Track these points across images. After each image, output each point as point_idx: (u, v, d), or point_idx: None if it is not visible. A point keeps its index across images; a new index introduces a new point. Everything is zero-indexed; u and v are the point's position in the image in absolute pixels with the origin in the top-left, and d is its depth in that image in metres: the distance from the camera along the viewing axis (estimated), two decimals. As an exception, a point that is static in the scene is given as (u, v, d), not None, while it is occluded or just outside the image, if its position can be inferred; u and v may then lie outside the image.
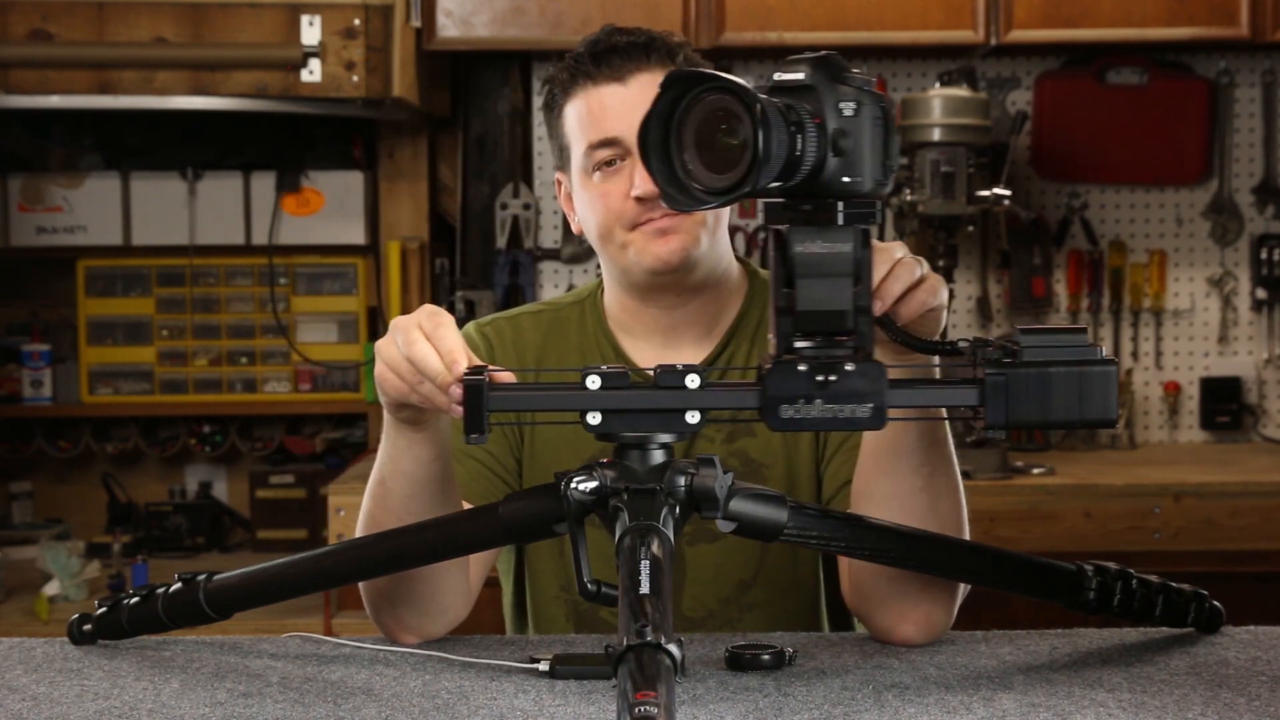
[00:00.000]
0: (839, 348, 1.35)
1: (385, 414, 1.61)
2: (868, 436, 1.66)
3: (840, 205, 1.33)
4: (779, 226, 1.35)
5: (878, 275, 1.46)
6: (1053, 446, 3.86)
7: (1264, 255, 3.93)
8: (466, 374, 1.41)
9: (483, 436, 1.39)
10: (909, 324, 1.51)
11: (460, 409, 1.43)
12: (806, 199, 1.33)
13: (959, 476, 1.66)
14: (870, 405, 1.34)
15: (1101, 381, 1.36)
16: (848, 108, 1.31)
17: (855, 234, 1.33)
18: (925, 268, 1.51)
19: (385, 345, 1.52)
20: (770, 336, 1.38)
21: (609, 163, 1.80)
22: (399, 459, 1.62)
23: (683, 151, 1.29)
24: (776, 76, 1.33)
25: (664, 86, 1.29)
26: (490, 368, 1.43)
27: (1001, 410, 1.36)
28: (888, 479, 1.64)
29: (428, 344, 1.47)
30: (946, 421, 1.64)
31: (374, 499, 1.67)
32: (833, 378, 1.34)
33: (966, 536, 1.68)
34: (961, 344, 1.43)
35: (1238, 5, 3.58)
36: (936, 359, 1.49)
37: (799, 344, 1.35)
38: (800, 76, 1.32)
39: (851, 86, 1.32)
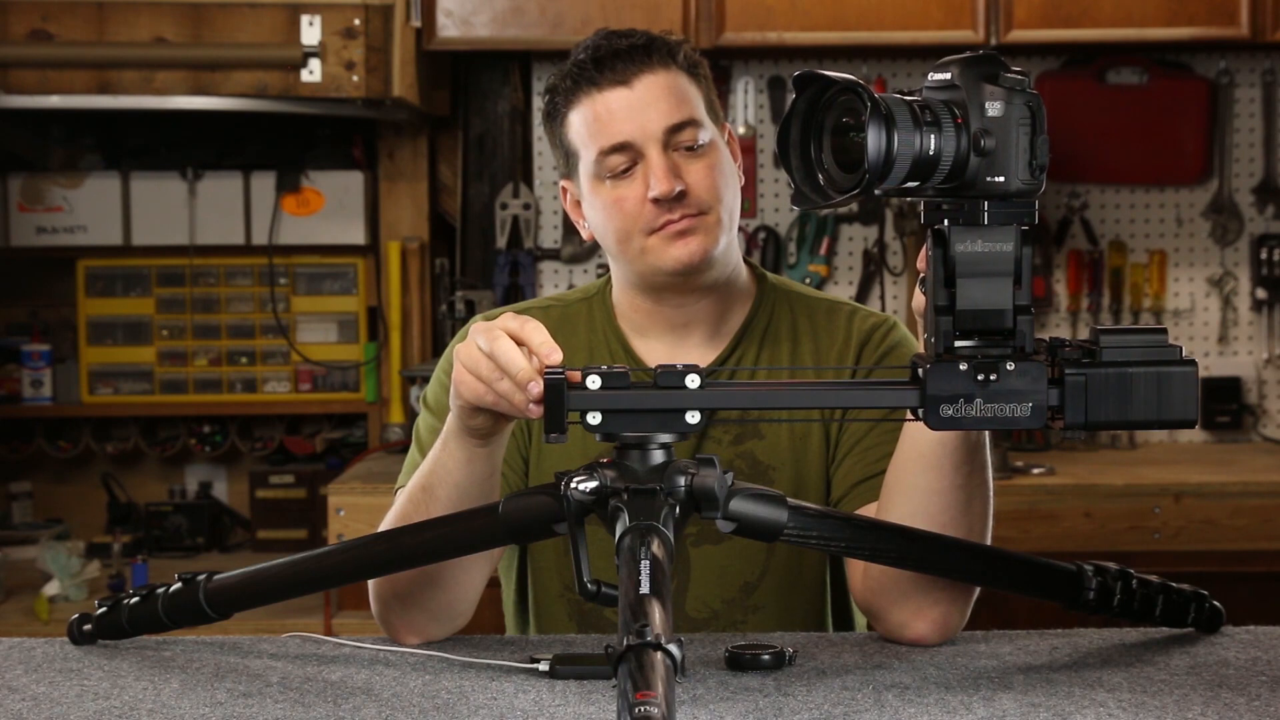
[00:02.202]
0: (998, 347, 1.35)
1: (451, 422, 1.59)
2: (912, 431, 1.66)
3: (986, 204, 1.33)
4: (938, 225, 1.35)
5: None
6: (1053, 446, 3.86)
7: (1264, 255, 3.93)
8: (547, 372, 1.41)
9: (563, 435, 1.39)
10: None
11: (536, 410, 1.42)
12: (954, 198, 1.34)
13: (991, 481, 1.66)
14: (1030, 404, 1.34)
15: (1183, 382, 1.36)
16: (993, 108, 1.32)
17: (1015, 233, 1.34)
18: None
19: (465, 348, 1.51)
20: (924, 335, 1.38)
21: (625, 168, 1.79)
22: (454, 470, 1.61)
23: (820, 150, 1.31)
24: (930, 76, 1.34)
25: (799, 86, 1.31)
26: (568, 369, 1.42)
27: (1081, 410, 1.36)
28: (931, 473, 1.63)
29: (511, 343, 1.47)
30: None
31: (414, 504, 1.65)
32: (993, 377, 1.34)
33: (989, 539, 1.67)
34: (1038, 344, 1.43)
35: (1238, 5, 3.58)
36: None
37: (958, 343, 1.35)
38: (947, 77, 1.33)
39: (1001, 86, 1.32)
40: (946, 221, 1.34)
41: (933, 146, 1.29)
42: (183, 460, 4.04)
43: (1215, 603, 1.68)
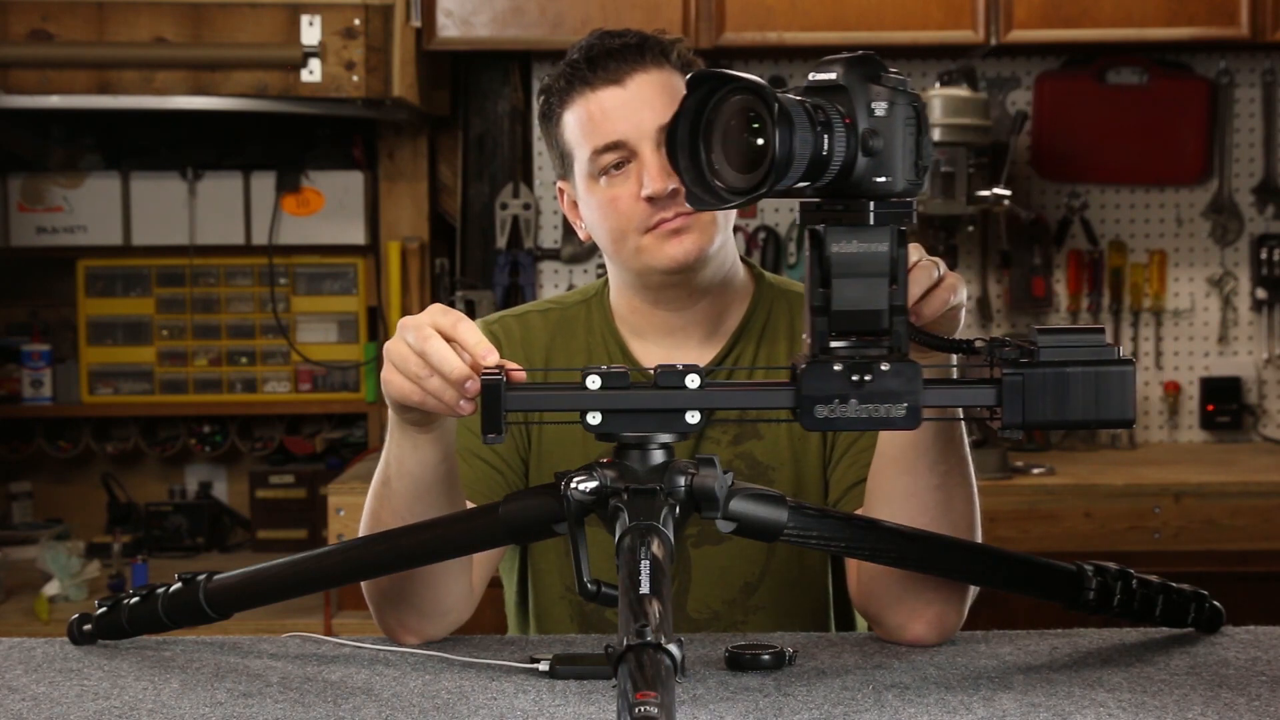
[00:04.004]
0: (874, 347, 1.35)
1: (390, 415, 1.60)
2: (885, 434, 1.66)
3: (871, 205, 1.33)
4: (815, 226, 1.35)
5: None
6: (1053, 446, 3.86)
7: (1264, 255, 3.93)
8: (484, 372, 1.41)
9: (500, 437, 1.38)
10: (929, 324, 1.51)
11: (467, 407, 1.42)
12: (839, 199, 1.33)
13: (973, 476, 1.66)
14: (905, 405, 1.34)
15: (1119, 381, 1.36)
16: (879, 107, 1.31)
17: (891, 234, 1.33)
18: (943, 267, 1.52)
19: (394, 344, 1.51)
20: (805, 336, 1.38)
21: (616, 166, 1.79)
22: (404, 460, 1.62)
23: (710, 151, 1.30)
24: (811, 76, 1.33)
25: (691, 85, 1.30)
26: (508, 366, 1.42)
27: (1018, 410, 1.36)
28: (906, 476, 1.63)
29: (442, 341, 1.47)
30: (963, 422, 1.64)
31: (378, 499, 1.67)
32: (868, 377, 1.34)
33: (979, 536, 1.67)
34: (978, 343, 1.43)
35: (1238, 5, 3.58)
36: (954, 359, 1.49)
37: (834, 344, 1.35)
38: (832, 76, 1.32)
39: (885, 86, 1.32)
40: (823, 223, 1.34)
41: (826, 147, 1.28)
42: (183, 460, 4.04)
43: (1215, 603, 1.68)
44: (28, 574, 3.57)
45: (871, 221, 1.33)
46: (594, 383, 1.38)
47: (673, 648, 1.18)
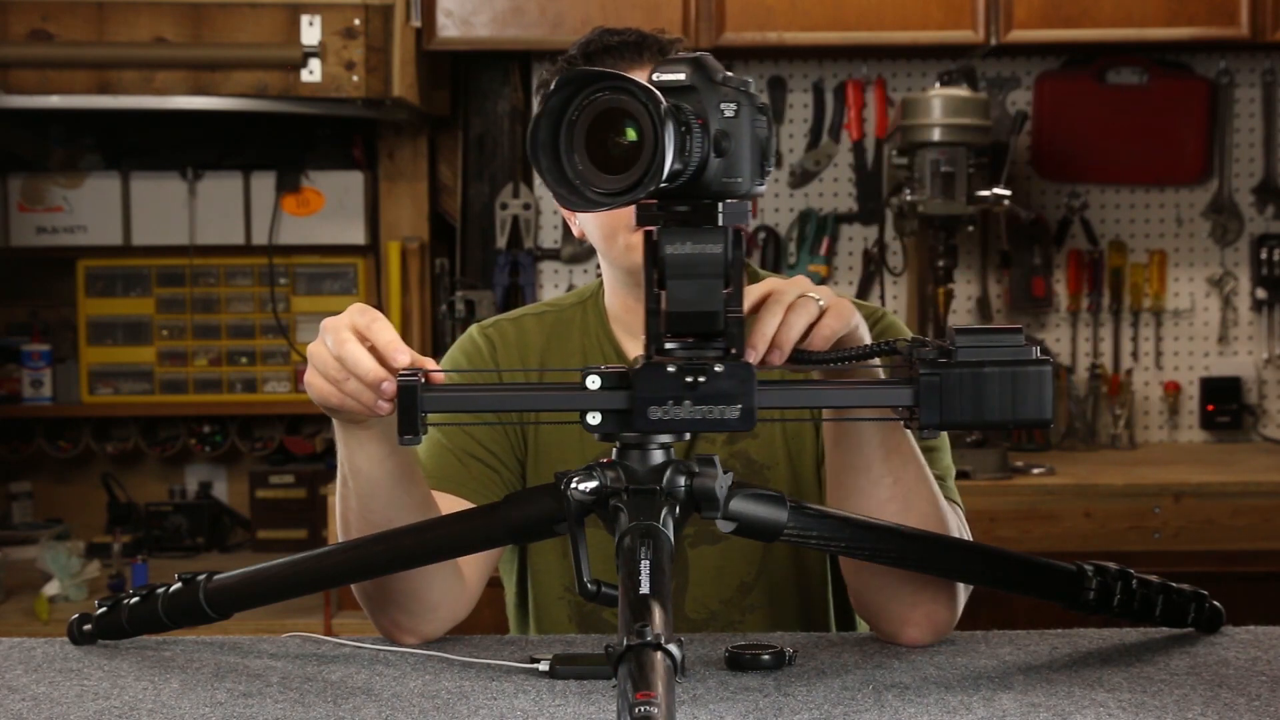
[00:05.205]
0: (709, 349, 1.35)
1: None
2: (827, 452, 1.65)
3: (721, 206, 1.32)
4: (650, 228, 1.34)
5: (770, 325, 1.45)
6: (1053, 446, 3.86)
7: (1264, 255, 3.93)
8: (401, 374, 1.41)
9: (417, 438, 1.39)
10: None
11: (385, 408, 1.42)
12: (684, 200, 1.32)
13: (930, 481, 1.65)
14: (739, 406, 1.34)
15: (1036, 381, 1.36)
16: (729, 109, 1.31)
17: (726, 235, 1.33)
18: (827, 297, 1.50)
19: (314, 347, 1.51)
20: (643, 338, 1.38)
21: None
22: (353, 459, 1.62)
23: (573, 152, 1.26)
24: (655, 77, 1.31)
25: (557, 85, 1.27)
26: (427, 369, 1.42)
27: (936, 410, 1.35)
28: (853, 495, 1.63)
29: (357, 343, 1.47)
30: (908, 431, 1.62)
31: (341, 500, 1.68)
32: (702, 379, 1.33)
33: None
34: (900, 345, 1.43)
35: (1238, 5, 3.58)
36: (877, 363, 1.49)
37: (669, 345, 1.35)
38: (681, 77, 1.31)
39: (730, 88, 1.31)
40: (658, 224, 1.33)
41: (686, 148, 1.27)
42: (183, 460, 4.04)
43: (1215, 603, 1.68)
44: (28, 574, 3.57)
45: (721, 222, 1.32)
46: (594, 383, 1.38)
47: (673, 648, 1.18)
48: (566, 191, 1.27)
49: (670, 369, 1.34)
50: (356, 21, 3.43)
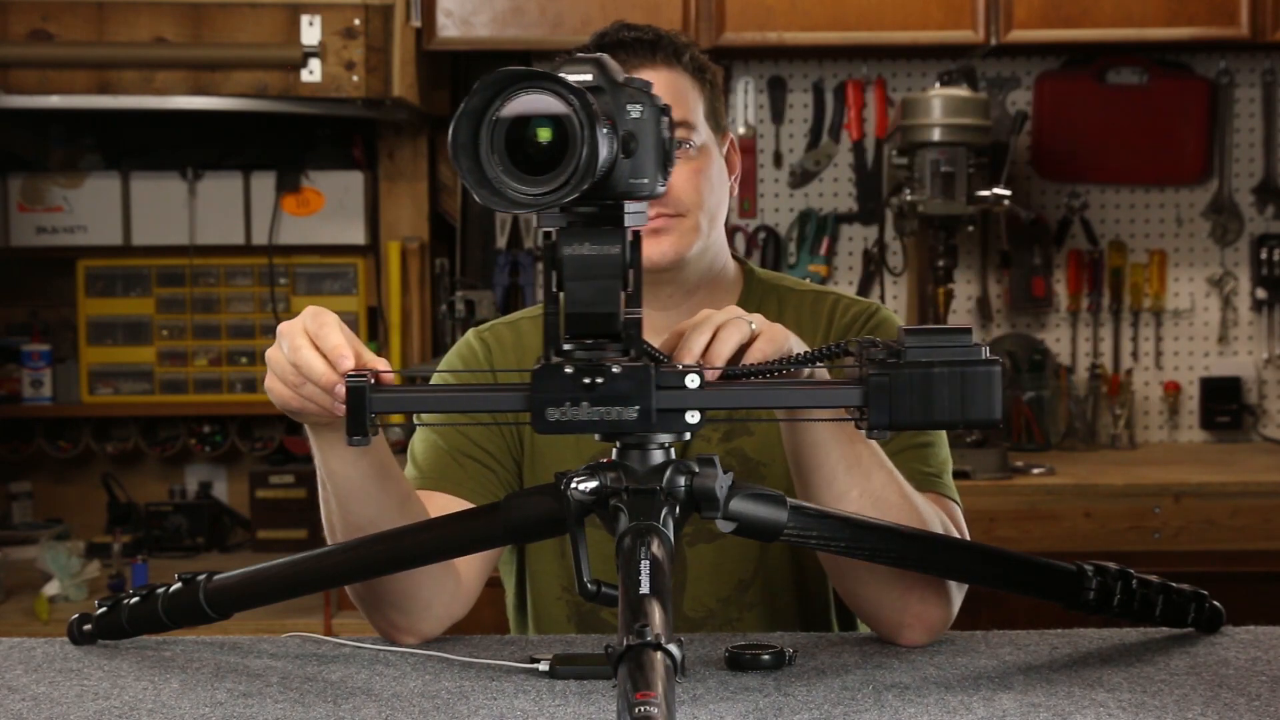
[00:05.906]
0: (608, 350, 1.35)
1: None
2: (791, 470, 1.64)
3: (626, 206, 1.32)
4: (549, 229, 1.34)
5: (699, 341, 1.46)
6: (1053, 446, 3.86)
7: (1264, 255, 3.93)
8: (350, 376, 1.41)
9: (366, 439, 1.39)
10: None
11: (342, 409, 1.42)
12: (589, 201, 1.32)
13: (900, 485, 1.64)
14: (637, 408, 1.34)
15: (984, 381, 1.36)
16: (635, 109, 1.31)
17: (624, 236, 1.33)
18: (759, 323, 1.51)
19: (272, 352, 1.52)
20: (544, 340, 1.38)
21: None
22: (327, 461, 1.61)
23: (492, 152, 1.25)
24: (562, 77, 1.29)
25: (479, 86, 1.25)
26: (377, 370, 1.42)
27: (885, 411, 1.35)
28: (824, 487, 1.61)
29: (310, 348, 1.47)
30: (871, 442, 1.61)
31: (323, 502, 1.67)
32: (599, 380, 1.33)
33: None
34: (850, 345, 1.43)
35: (1238, 5, 3.58)
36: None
37: (567, 346, 1.35)
38: (588, 78, 1.30)
39: (634, 88, 1.32)
40: (558, 225, 1.33)
41: (601, 149, 1.26)
42: (183, 460, 4.04)
43: (1215, 603, 1.68)
44: (28, 574, 3.57)
45: (626, 223, 1.33)
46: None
47: (673, 648, 1.18)
48: (488, 193, 1.25)
49: (568, 370, 1.34)
50: (356, 21, 3.43)
